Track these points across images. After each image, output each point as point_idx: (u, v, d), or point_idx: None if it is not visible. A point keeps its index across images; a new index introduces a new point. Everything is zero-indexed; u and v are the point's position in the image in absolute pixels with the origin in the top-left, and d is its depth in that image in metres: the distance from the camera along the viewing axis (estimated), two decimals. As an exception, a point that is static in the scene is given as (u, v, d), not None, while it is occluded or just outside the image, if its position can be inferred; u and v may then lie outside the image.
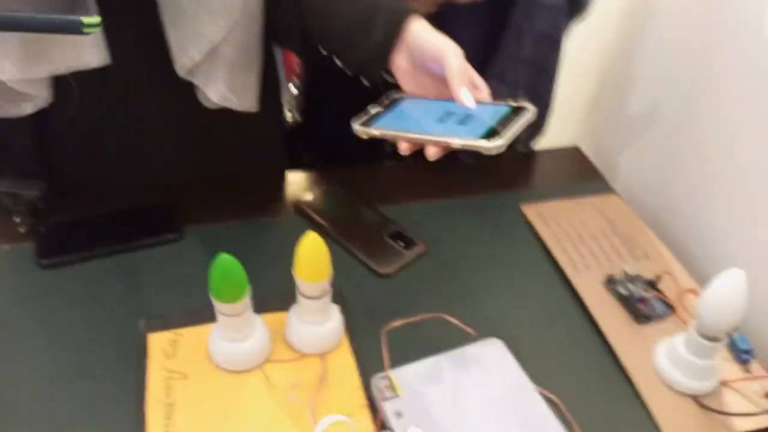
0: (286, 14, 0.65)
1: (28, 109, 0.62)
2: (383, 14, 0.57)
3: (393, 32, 0.56)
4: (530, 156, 0.88)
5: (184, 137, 0.74)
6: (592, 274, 0.67)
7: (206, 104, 0.66)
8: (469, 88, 0.53)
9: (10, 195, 0.68)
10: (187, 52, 0.61)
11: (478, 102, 0.54)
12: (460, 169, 0.82)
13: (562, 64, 0.77)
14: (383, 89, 0.60)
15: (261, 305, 0.55)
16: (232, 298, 0.50)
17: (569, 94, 0.86)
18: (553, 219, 0.75)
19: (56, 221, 0.68)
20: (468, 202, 0.78)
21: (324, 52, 0.64)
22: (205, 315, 0.55)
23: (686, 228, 0.78)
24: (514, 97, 0.55)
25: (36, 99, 0.61)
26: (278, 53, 0.78)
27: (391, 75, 0.60)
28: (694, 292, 0.65)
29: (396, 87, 0.60)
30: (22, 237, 0.67)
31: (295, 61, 1.06)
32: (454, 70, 0.52)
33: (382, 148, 0.81)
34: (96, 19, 0.44)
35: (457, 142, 0.50)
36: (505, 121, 0.51)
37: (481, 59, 0.60)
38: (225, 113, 0.67)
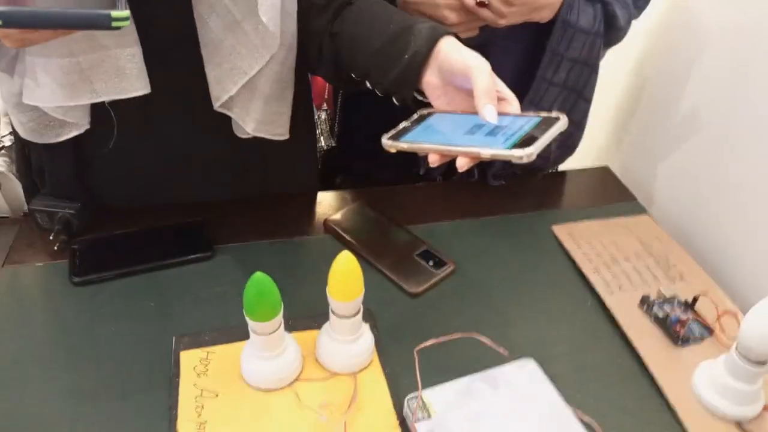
0: (319, 41, 0.66)
1: (67, 135, 0.63)
2: (417, 36, 0.57)
3: (426, 52, 0.57)
4: (560, 176, 0.87)
5: (218, 164, 0.75)
6: (627, 296, 0.66)
7: (240, 134, 0.67)
8: (494, 104, 0.52)
9: (46, 213, 0.69)
10: (224, 86, 0.62)
11: (509, 114, 0.53)
12: (490, 190, 0.81)
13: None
14: (414, 108, 0.60)
15: (290, 324, 0.55)
16: (267, 316, 0.50)
17: (598, 114, 0.85)
18: (584, 239, 0.74)
19: (90, 239, 0.69)
20: (497, 222, 0.77)
21: (355, 76, 0.64)
22: (236, 333, 0.56)
23: (721, 249, 0.76)
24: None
25: (75, 125, 0.62)
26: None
27: (422, 93, 0.60)
28: (732, 314, 0.64)
29: (426, 106, 0.60)
30: (56, 254, 0.68)
31: (324, 88, 1.07)
32: (481, 87, 0.52)
33: (412, 170, 0.81)
34: (125, 12, 0.43)
35: (487, 152, 0.49)
36: (536, 131, 0.51)
37: (520, 84, 0.60)
38: (258, 140, 0.67)
